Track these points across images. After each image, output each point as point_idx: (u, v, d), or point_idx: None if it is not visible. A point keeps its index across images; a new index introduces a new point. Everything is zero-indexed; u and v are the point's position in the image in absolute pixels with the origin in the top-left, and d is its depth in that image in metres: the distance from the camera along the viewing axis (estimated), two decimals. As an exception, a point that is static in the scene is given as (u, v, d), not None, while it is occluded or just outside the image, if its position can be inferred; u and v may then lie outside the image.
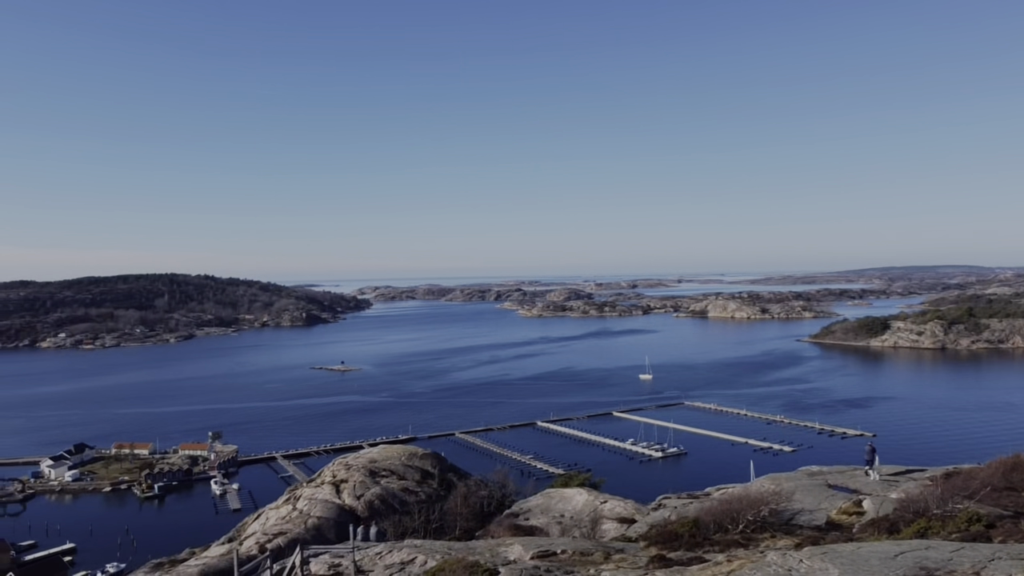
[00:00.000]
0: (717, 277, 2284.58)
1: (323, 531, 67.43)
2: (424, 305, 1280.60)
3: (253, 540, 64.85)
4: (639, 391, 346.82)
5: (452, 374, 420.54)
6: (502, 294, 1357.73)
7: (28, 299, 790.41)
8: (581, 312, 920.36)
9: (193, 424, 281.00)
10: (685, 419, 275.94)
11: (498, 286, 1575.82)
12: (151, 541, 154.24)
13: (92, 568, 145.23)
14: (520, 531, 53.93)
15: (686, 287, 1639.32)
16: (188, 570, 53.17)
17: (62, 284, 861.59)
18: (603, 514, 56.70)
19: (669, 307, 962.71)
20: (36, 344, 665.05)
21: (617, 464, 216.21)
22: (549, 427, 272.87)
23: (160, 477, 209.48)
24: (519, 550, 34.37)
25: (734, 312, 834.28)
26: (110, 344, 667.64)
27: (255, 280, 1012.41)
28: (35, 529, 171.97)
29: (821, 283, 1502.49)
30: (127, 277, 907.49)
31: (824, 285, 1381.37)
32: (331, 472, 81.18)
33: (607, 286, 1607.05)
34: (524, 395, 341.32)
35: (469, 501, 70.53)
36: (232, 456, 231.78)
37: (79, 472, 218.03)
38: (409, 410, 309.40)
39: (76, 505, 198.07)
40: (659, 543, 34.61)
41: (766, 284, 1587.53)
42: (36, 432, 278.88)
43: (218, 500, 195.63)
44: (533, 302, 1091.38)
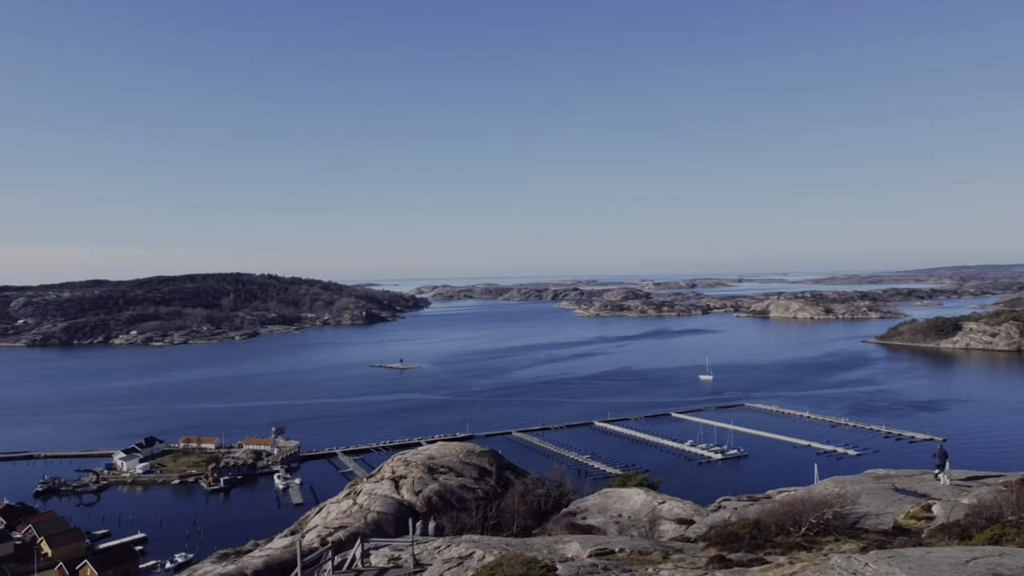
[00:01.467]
0: (779, 276, 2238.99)
1: (382, 525, 68.33)
2: (481, 304, 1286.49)
3: (315, 533, 66.14)
4: (699, 392, 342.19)
5: (509, 373, 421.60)
6: (559, 293, 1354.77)
7: (102, 298, 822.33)
8: (639, 312, 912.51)
9: (257, 420, 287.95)
10: (746, 421, 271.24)
11: (555, 285, 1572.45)
12: (217, 532, 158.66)
13: (161, 558, 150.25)
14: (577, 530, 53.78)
15: (747, 287, 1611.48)
16: (253, 561, 54.55)
17: (134, 283, 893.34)
18: (661, 514, 56.15)
19: (729, 307, 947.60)
20: (109, 341, 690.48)
21: (675, 465, 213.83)
22: (606, 427, 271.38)
23: (226, 471, 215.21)
24: (576, 548, 34.30)
25: (797, 312, 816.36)
26: (178, 341, 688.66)
27: (317, 279, 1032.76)
28: (108, 519, 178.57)
29: (888, 283, 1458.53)
30: (195, 276, 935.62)
31: (891, 285, 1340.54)
32: (390, 468, 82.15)
33: (665, 286, 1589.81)
34: (581, 395, 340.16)
35: (526, 499, 70.54)
36: (294, 451, 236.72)
37: (149, 465, 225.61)
38: (467, 408, 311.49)
39: (146, 496, 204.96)
40: (719, 544, 34.13)
41: (830, 284, 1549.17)
42: (109, 426, 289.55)
43: (281, 494, 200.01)
44: (590, 301, 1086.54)
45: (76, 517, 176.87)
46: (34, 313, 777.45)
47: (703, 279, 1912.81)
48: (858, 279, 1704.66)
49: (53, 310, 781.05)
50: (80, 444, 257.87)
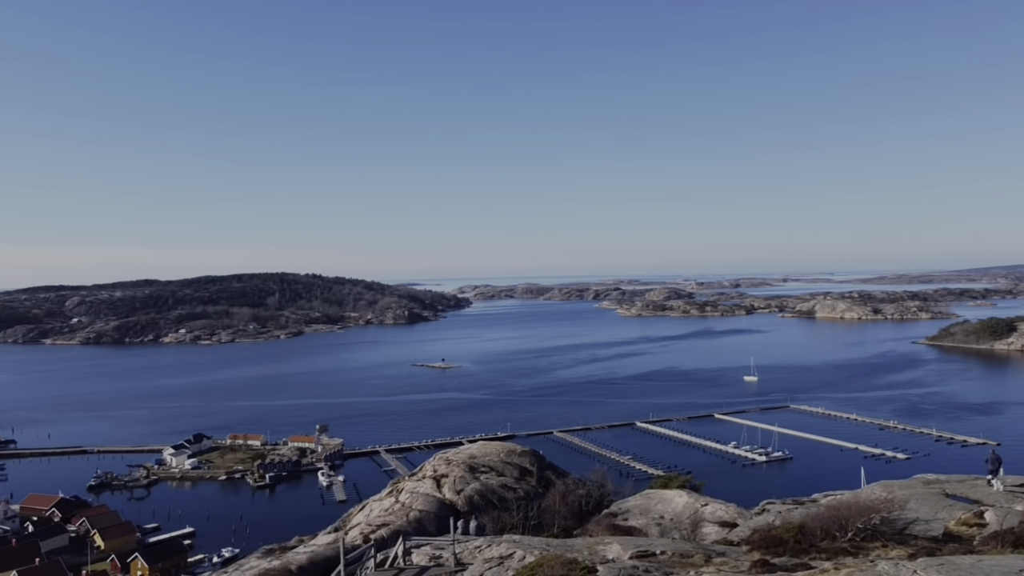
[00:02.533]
0: (826, 276, 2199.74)
1: (424, 524, 68.85)
2: (522, 304, 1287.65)
3: (358, 530, 66.92)
4: (742, 393, 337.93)
5: (551, 373, 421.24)
6: (600, 293, 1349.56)
7: (152, 297, 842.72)
8: (682, 312, 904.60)
9: (302, 417, 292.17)
10: (791, 423, 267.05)
11: (596, 285, 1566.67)
12: (262, 528, 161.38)
13: (209, 552, 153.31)
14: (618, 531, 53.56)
15: (792, 286, 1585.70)
16: (297, 557, 55.41)
17: (182, 283, 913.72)
18: (704, 517, 55.64)
19: (774, 307, 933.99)
20: (159, 339, 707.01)
21: (718, 467, 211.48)
22: (648, 428, 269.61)
23: (271, 467, 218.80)
24: (618, 549, 34.19)
25: (844, 312, 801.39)
26: (225, 340, 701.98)
27: (360, 279, 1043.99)
28: (158, 513, 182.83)
29: (939, 282, 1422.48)
30: (241, 276, 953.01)
31: (943, 284, 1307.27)
32: (432, 467, 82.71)
33: (708, 285, 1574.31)
34: (623, 395, 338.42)
35: (567, 499, 70.51)
36: (338, 449, 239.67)
37: (198, 461, 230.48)
38: (508, 407, 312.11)
39: (195, 491, 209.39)
40: (762, 548, 33.72)
41: (879, 283, 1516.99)
42: (159, 422, 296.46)
43: (324, 491, 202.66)
44: (632, 301, 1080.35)
45: (127, 511, 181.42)
46: (87, 312, 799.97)
47: (747, 279, 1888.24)
48: (908, 279, 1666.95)
49: (105, 309, 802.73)
50: (131, 440, 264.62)
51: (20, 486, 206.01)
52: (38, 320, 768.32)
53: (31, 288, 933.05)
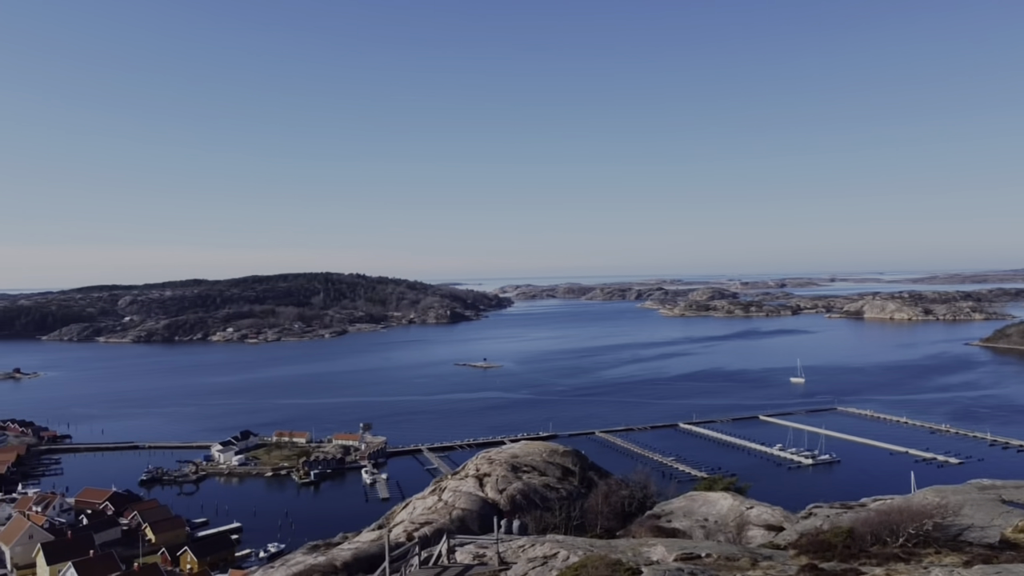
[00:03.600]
0: (874, 276, 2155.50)
1: (467, 522, 69.10)
2: (564, 304, 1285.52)
3: (401, 528, 67.47)
4: (788, 394, 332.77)
5: (593, 373, 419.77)
6: (643, 293, 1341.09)
7: (201, 296, 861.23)
8: (725, 312, 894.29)
9: (346, 416, 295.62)
10: (838, 425, 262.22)
11: (639, 285, 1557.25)
12: (307, 524, 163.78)
13: (255, 547, 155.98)
14: (662, 532, 53.16)
15: (839, 286, 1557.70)
16: (342, 554, 56.07)
17: (230, 282, 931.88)
18: (749, 520, 54.91)
19: (821, 307, 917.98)
20: (208, 338, 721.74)
21: (763, 469, 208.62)
22: (692, 429, 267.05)
23: (316, 465, 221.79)
24: (662, 551, 33.94)
25: (893, 313, 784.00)
26: (272, 339, 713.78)
27: (403, 279, 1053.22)
28: (206, 508, 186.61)
29: (994, 282, 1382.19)
30: (287, 276, 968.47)
31: (997, 284, 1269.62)
32: (474, 466, 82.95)
33: (753, 285, 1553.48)
34: (666, 396, 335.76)
35: (610, 500, 70.11)
36: (381, 447, 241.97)
37: (245, 457, 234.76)
38: (550, 407, 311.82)
39: (242, 487, 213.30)
40: (810, 552, 33.16)
41: (930, 283, 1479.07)
42: (208, 419, 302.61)
43: (368, 488, 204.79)
44: (675, 301, 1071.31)
45: (177, 505, 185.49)
46: (139, 311, 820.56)
47: (793, 278, 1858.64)
48: (960, 278, 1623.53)
49: (156, 308, 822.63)
50: (181, 436, 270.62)
51: (75, 480, 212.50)
52: (92, 319, 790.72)
53: (85, 288, 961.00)
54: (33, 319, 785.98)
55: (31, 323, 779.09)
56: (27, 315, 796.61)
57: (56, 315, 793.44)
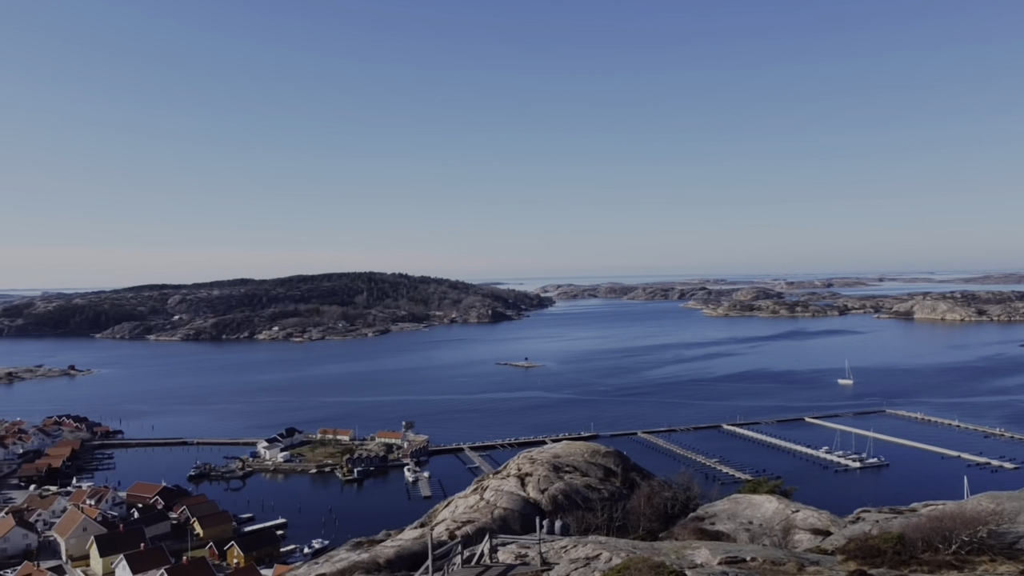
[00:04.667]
0: (925, 275, 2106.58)
1: (509, 522, 69.18)
2: (606, 303, 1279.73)
3: (443, 526, 67.83)
4: (835, 396, 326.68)
5: (635, 373, 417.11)
6: (685, 292, 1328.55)
7: (247, 295, 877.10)
8: (770, 312, 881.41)
9: (388, 414, 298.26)
10: (887, 428, 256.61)
11: (681, 284, 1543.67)
12: (351, 521, 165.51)
13: (300, 543, 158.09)
14: (705, 535, 52.61)
15: (888, 286, 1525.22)
16: (385, 551, 56.55)
17: (275, 282, 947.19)
18: (795, 524, 54.04)
19: (869, 307, 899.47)
20: (254, 336, 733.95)
21: (809, 472, 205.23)
22: (735, 430, 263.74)
23: (359, 462, 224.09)
24: (706, 554, 33.58)
25: (944, 313, 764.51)
26: (316, 337, 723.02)
27: (444, 278, 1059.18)
28: (252, 504, 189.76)
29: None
30: (331, 275, 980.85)
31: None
32: (516, 465, 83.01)
33: (799, 285, 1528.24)
34: (709, 396, 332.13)
35: (653, 502, 69.66)
36: (423, 445, 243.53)
37: (290, 454, 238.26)
38: (591, 407, 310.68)
39: (287, 484, 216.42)
40: (859, 558, 32.52)
41: (983, 283, 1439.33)
42: (254, 416, 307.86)
43: (410, 486, 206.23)
44: (718, 301, 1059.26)
45: (224, 501, 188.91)
46: (188, 310, 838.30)
47: (840, 278, 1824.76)
48: (1016, 278, 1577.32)
49: (204, 307, 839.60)
50: (228, 433, 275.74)
51: (126, 474, 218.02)
52: (143, 317, 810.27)
53: (136, 287, 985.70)
54: (87, 317, 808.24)
55: (85, 321, 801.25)
56: (81, 313, 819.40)
57: (109, 314, 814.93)
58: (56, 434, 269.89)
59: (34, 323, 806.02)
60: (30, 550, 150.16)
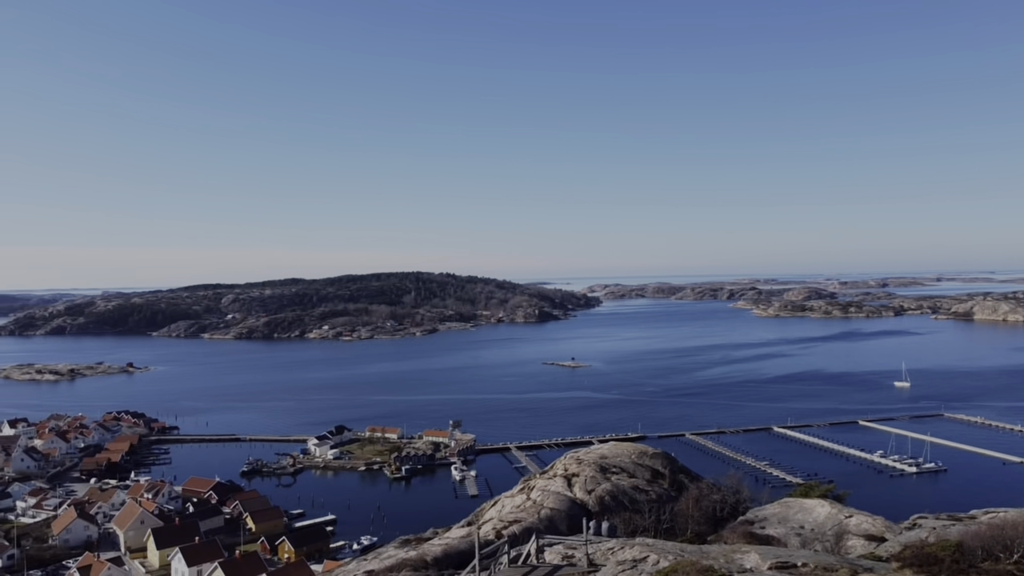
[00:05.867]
0: (985, 275, 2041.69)
1: (555, 522, 69.14)
2: (653, 303, 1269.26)
3: (490, 525, 68.07)
4: (891, 399, 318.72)
5: (683, 374, 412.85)
6: (735, 292, 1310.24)
7: (298, 295, 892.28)
8: (823, 312, 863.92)
9: (436, 412, 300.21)
10: (945, 432, 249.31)
11: (731, 284, 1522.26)
12: (399, 518, 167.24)
13: (349, 539, 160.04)
14: (755, 539, 51.86)
15: (946, 286, 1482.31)
16: (433, 549, 57.02)
17: (326, 281, 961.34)
18: (848, 529, 52.93)
19: (926, 308, 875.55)
20: (304, 335, 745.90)
21: (863, 477, 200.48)
22: (786, 433, 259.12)
23: (407, 460, 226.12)
24: (756, 559, 33.09)
25: (1007, 314, 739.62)
26: (365, 336, 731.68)
27: (491, 278, 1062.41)
28: (303, 500, 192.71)
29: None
30: (379, 275, 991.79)
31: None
32: (563, 465, 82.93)
33: (852, 285, 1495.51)
34: (759, 398, 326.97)
35: (701, 504, 68.93)
36: (470, 444, 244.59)
37: (339, 451, 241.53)
38: (639, 408, 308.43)
39: (336, 481, 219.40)
40: (915, 565, 31.71)
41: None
42: (304, 414, 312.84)
43: (457, 485, 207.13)
44: (769, 301, 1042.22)
45: (275, 496, 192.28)
46: (240, 308, 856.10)
47: (895, 278, 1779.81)
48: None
49: (256, 306, 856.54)
50: (279, 430, 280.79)
51: (182, 470, 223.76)
52: (198, 316, 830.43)
53: (191, 287, 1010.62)
54: (144, 316, 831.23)
55: (143, 320, 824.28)
56: (139, 312, 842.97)
57: (165, 312, 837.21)
58: (115, 429, 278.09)
59: (95, 321, 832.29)
60: (91, 541, 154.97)
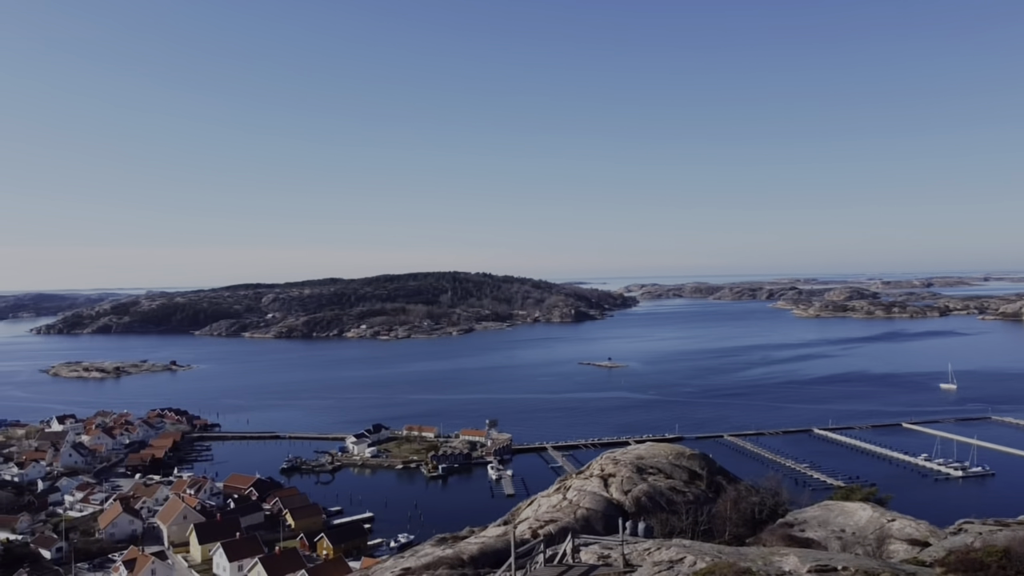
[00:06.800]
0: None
1: (591, 522, 68.92)
2: (691, 303, 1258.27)
3: (526, 525, 68.09)
4: (936, 401, 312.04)
5: (721, 374, 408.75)
6: (775, 292, 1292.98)
7: (336, 294, 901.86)
8: (865, 312, 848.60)
9: (472, 412, 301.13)
10: (993, 436, 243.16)
11: (770, 284, 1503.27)
12: (435, 516, 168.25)
13: (386, 536, 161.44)
14: (795, 542, 51.15)
15: (994, 286, 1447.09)
16: (469, 547, 57.22)
17: (363, 281, 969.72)
18: (890, 533, 51.95)
19: (973, 308, 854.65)
20: (343, 334, 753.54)
21: (906, 480, 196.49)
22: (827, 435, 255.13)
23: (444, 459, 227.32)
24: (795, 561, 32.66)
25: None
26: (402, 336, 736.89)
27: (527, 277, 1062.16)
28: (341, 497, 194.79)
29: None
30: (416, 275, 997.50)
31: None
32: (599, 466, 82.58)
33: (896, 284, 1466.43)
34: (799, 399, 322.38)
35: (739, 506, 68.16)
36: (506, 444, 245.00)
37: (377, 449, 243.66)
38: (676, 408, 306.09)
39: (374, 478, 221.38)
40: (960, 571, 31.03)
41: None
42: (343, 412, 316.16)
43: (494, 484, 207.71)
44: (809, 301, 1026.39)
45: (314, 493, 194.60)
46: (280, 308, 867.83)
47: (940, 277, 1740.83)
48: None
49: (296, 305, 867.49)
50: (318, 428, 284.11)
51: (223, 466, 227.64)
52: (239, 315, 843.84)
53: (232, 286, 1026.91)
54: (187, 315, 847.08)
55: (185, 319, 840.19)
56: (182, 311, 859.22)
57: (207, 312, 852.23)
58: (159, 426, 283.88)
59: (139, 320, 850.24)
60: (136, 535, 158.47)
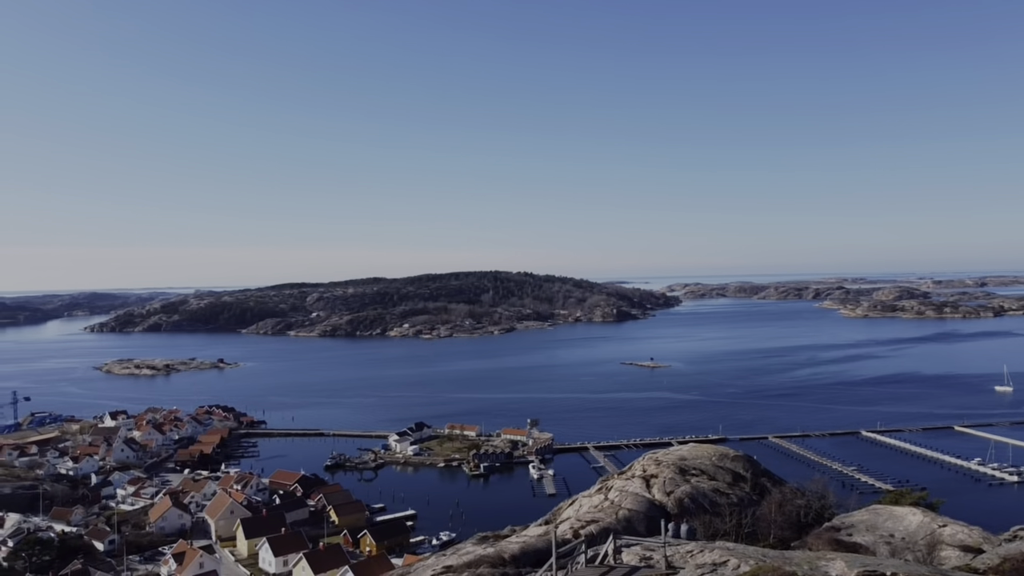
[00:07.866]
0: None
1: (633, 523, 68.56)
2: (735, 303, 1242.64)
3: (567, 524, 68.00)
4: (991, 404, 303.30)
5: (766, 375, 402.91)
6: (821, 292, 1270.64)
7: (379, 293, 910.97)
8: (915, 312, 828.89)
9: (514, 411, 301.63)
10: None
11: (816, 283, 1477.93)
12: (477, 515, 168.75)
13: (428, 534, 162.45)
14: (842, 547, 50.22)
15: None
16: (510, 546, 57.34)
17: (406, 280, 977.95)
18: (941, 539, 50.70)
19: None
20: (385, 333, 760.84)
21: (958, 485, 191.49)
22: (875, 437, 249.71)
23: (485, 458, 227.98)
24: (841, 566, 32.05)
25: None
26: (444, 334, 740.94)
27: (569, 277, 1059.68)
28: (384, 494, 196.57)
29: None
30: (458, 274, 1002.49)
31: None
32: (641, 466, 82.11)
33: (947, 284, 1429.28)
34: (847, 401, 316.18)
35: (784, 509, 67.15)
36: (548, 443, 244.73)
37: (419, 447, 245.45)
38: (719, 409, 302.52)
39: (416, 476, 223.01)
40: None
41: None
42: (386, 410, 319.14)
43: (535, 483, 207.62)
44: (857, 301, 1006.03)
45: (357, 490, 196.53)
46: (324, 307, 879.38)
47: (994, 276, 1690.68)
48: None
49: (340, 305, 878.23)
50: (361, 425, 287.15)
51: (269, 462, 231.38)
52: (284, 314, 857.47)
53: (278, 285, 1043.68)
54: (234, 314, 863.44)
55: (232, 318, 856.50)
56: (229, 310, 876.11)
57: (253, 311, 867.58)
58: (207, 423, 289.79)
59: (188, 319, 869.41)
60: (185, 529, 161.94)
